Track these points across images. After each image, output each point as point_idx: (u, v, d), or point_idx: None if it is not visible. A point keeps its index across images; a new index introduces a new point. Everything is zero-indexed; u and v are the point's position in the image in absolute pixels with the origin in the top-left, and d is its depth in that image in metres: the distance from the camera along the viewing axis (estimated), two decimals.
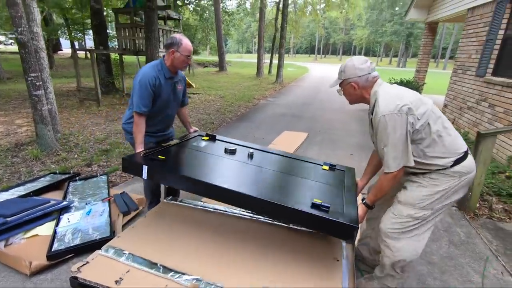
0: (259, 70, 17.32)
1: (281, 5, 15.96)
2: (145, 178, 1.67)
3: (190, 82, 11.57)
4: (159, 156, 1.85)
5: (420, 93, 7.81)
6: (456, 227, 2.62)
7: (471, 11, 5.74)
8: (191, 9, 22.29)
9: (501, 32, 4.68)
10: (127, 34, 8.49)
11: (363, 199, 1.62)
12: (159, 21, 7.93)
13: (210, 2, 21.24)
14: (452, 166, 1.42)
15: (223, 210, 2.31)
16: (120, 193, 2.85)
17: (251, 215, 2.22)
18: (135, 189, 3.13)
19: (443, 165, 1.42)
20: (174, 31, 9.34)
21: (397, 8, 36.64)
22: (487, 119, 4.71)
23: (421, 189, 1.47)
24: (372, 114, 1.49)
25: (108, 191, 2.86)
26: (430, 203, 1.45)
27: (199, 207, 2.37)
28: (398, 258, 1.55)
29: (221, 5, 19.43)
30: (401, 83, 8.01)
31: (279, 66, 14.25)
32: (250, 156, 2.11)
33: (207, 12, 22.36)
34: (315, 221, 1.40)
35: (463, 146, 1.47)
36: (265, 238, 2.02)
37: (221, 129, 5.79)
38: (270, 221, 2.21)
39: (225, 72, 19.11)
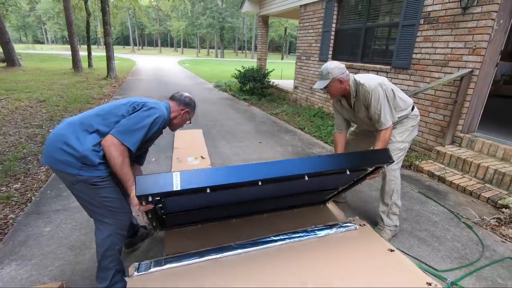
0: (77, 64, 13.92)
1: None
2: (178, 188, 1.20)
3: None
4: None
5: (268, 78, 8.78)
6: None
7: (303, 8, 6.92)
8: None
9: (334, 26, 5.93)
10: None
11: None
12: None
13: None
14: (411, 111, 2.12)
15: (217, 254, 1.67)
16: None
17: (253, 248, 1.74)
18: (12, 276, 1.71)
19: (407, 113, 2.11)
20: None
21: (202, 3, 39.28)
22: None
23: (398, 129, 2.11)
24: (355, 98, 2.03)
25: None
26: (406, 136, 2.11)
27: (191, 261, 1.60)
28: (397, 186, 2.12)
29: None
30: (252, 70, 8.72)
31: (109, 58, 12.03)
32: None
33: None
34: (363, 157, 1.71)
35: (411, 99, 2.16)
36: (304, 255, 1.67)
37: None
38: (290, 239, 1.81)
39: (19, 67, 13.95)
